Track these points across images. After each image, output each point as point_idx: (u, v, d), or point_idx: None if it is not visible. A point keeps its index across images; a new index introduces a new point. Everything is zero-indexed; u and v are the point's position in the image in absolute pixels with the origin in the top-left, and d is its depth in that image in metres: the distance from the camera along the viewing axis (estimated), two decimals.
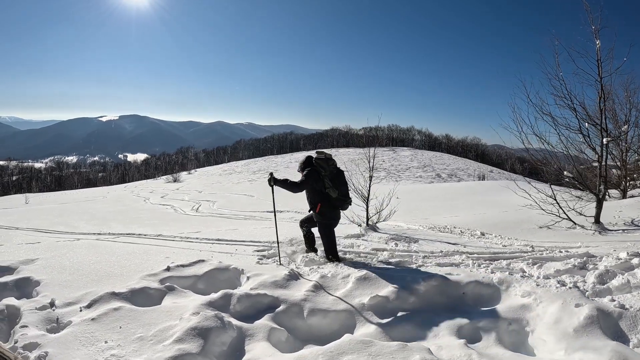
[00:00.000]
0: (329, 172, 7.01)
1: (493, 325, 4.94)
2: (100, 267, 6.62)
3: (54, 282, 5.95)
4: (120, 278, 6.10)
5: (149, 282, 5.85)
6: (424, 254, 7.77)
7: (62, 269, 6.58)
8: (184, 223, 16.77)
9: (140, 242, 9.70)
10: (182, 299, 5.40)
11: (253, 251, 8.06)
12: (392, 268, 6.66)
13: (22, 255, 7.51)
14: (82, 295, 5.38)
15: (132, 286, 5.61)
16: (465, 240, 9.61)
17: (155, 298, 5.46)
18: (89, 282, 5.93)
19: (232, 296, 5.24)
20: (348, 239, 9.41)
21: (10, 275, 6.46)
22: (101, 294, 5.27)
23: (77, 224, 16.68)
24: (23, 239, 10.71)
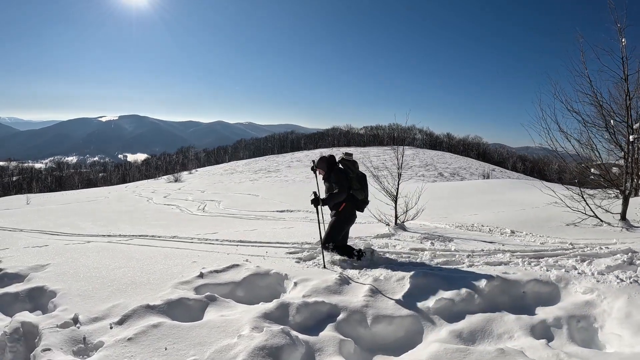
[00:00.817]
0: (355, 174, 6.92)
1: (561, 323, 4.79)
2: (122, 274, 6.06)
3: (72, 293, 5.35)
4: (148, 287, 5.53)
5: (184, 291, 5.33)
6: (466, 253, 7.57)
7: (78, 276, 6.03)
8: (195, 223, 16.31)
9: (157, 244, 9.20)
10: (228, 310, 4.86)
11: (285, 253, 7.67)
12: (444, 268, 6.44)
13: (31, 261, 7.03)
14: (109, 309, 4.80)
15: (167, 297, 5.04)
16: (499, 238, 9.46)
17: (196, 310, 4.91)
18: (114, 293, 5.33)
19: (290, 306, 4.78)
20: (379, 238, 9.12)
21: (20, 284, 5.95)
22: (134, 307, 4.71)
23: (83, 225, 16.19)
24: (29, 242, 10.23)
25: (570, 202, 11.61)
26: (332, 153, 7.38)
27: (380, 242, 8.64)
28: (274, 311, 4.62)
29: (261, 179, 78.18)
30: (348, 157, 7.03)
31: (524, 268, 6.38)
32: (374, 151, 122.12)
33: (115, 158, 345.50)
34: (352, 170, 6.91)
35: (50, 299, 5.33)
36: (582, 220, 11.12)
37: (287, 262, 6.89)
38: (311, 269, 6.41)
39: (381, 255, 7.16)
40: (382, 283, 5.57)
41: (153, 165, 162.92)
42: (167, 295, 5.12)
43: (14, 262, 7.00)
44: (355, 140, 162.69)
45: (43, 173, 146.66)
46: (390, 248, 8.08)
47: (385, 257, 7.21)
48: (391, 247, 8.20)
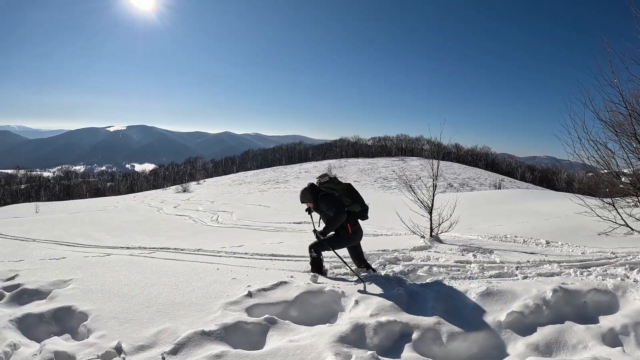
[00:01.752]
0: (341, 190, 6.67)
1: (628, 330, 4.71)
2: (157, 292, 5.52)
3: (106, 314, 4.85)
4: (193, 308, 5.04)
5: (237, 313, 4.86)
6: (514, 265, 7.42)
7: (108, 294, 5.51)
8: (212, 235, 15.90)
9: (183, 258, 8.76)
10: (292, 334, 4.46)
11: (328, 268, 7.20)
12: (502, 281, 6.18)
13: (50, 275, 6.51)
14: (155, 335, 4.35)
15: (221, 321, 4.55)
16: (538, 249, 9.35)
17: (256, 335, 4.50)
18: (156, 315, 4.84)
19: (366, 327, 4.46)
20: (417, 251, 8.78)
21: (42, 302, 5.44)
22: (187, 334, 4.25)
23: (97, 235, 15.87)
24: (44, 253, 9.83)
25: (599, 212, 11.65)
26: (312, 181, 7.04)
27: (421, 254, 8.34)
28: (350, 334, 4.31)
29: (270, 189, 77.95)
30: (323, 180, 6.79)
31: (580, 278, 6.34)
32: (382, 162, 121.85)
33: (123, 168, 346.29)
34: (335, 189, 6.65)
35: (81, 321, 4.84)
36: (613, 229, 11.13)
37: (333, 278, 6.56)
38: (365, 284, 5.93)
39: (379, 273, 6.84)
40: (446, 298, 5.36)
41: (161, 175, 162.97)
42: (220, 318, 4.66)
43: (32, 277, 6.48)
44: (363, 151, 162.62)
45: (51, 182, 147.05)
46: (433, 261, 7.77)
47: (433, 269, 7.08)
48: (434, 259, 7.89)
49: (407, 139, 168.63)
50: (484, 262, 7.69)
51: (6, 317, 4.87)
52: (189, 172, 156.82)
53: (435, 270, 7.05)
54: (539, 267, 7.30)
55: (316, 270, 6.67)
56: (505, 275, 6.75)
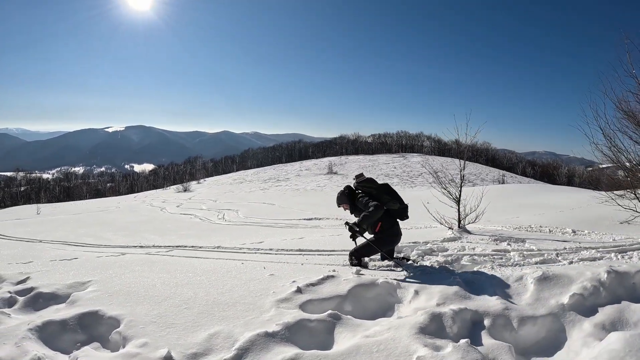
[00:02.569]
0: (378, 188, 6.62)
1: None
2: (194, 292, 5.18)
3: (142, 319, 4.43)
4: (240, 307, 4.69)
5: (292, 310, 4.55)
6: (554, 252, 7.43)
7: (136, 296, 5.12)
8: (225, 232, 15.56)
9: (205, 255, 8.37)
10: (362, 330, 4.18)
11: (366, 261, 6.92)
12: (551, 266, 6.14)
13: (66, 277, 6.16)
14: (208, 340, 3.96)
15: (282, 320, 4.23)
16: (569, 237, 9.31)
17: (322, 334, 4.20)
18: (200, 317, 4.46)
19: (443, 317, 4.32)
20: (449, 242, 8.61)
21: (61, 307, 5.01)
22: (249, 336, 3.91)
23: (105, 235, 15.52)
24: (53, 254, 9.50)
25: (611, 202, 12.27)
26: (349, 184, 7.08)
27: (454, 245, 8.18)
28: (429, 324, 4.14)
29: (271, 188, 77.63)
30: (360, 179, 6.73)
31: (625, 261, 6.60)
32: (382, 159, 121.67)
33: (122, 168, 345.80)
34: (372, 187, 6.59)
35: (112, 328, 4.41)
36: (634, 218, 11.40)
37: (378, 270, 6.33)
38: (416, 275, 5.82)
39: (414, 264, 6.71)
40: (503, 284, 5.32)
41: (161, 175, 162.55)
42: (278, 317, 4.33)
43: (45, 279, 6.10)
44: (364, 148, 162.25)
45: (51, 183, 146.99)
46: (469, 251, 7.62)
47: (477, 259, 6.97)
48: (469, 249, 7.74)
49: (408, 135, 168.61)
50: (523, 250, 7.61)
51: (24, 326, 4.37)
52: (188, 171, 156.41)
53: (478, 259, 6.96)
54: (578, 253, 7.32)
55: (357, 264, 6.48)
56: (549, 262, 6.74)
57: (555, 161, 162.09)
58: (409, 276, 5.72)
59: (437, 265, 6.51)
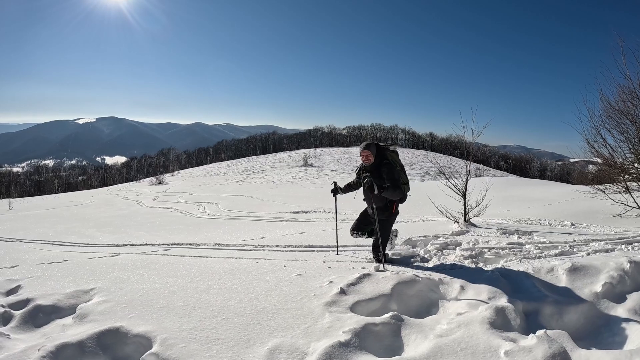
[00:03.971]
0: (402, 167, 6.40)
1: None
2: (223, 299, 4.83)
3: (178, 336, 3.98)
4: (288, 314, 4.42)
5: (346, 314, 4.38)
6: (567, 244, 7.64)
7: (155, 306, 4.74)
8: (214, 227, 15.17)
9: (208, 254, 8.09)
10: (429, 330, 4.11)
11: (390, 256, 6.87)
12: (568, 258, 6.37)
13: (62, 284, 5.75)
14: (270, 356, 3.66)
15: (349, 326, 3.99)
16: (572, 230, 9.64)
17: (389, 337, 4.01)
18: (246, 329, 4.13)
19: (506, 310, 4.33)
20: (458, 235, 8.65)
21: (69, 323, 4.49)
22: (322, 349, 3.63)
23: (88, 232, 15.06)
24: (39, 256, 9.01)
25: (599, 196, 13.21)
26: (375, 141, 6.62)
27: (466, 238, 8.21)
28: (496, 318, 4.15)
29: (247, 180, 76.95)
30: (393, 148, 6.45)
31: (636, 252, 6.85)
32: (357, 151, 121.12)
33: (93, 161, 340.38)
34: (397, 163, 6.31)
35: (144, 348, 3.91)
36: (626, 211, 11.89)
37: (396, 266, 6.22)
38: (449, 270, 5.89)
39: None
40: (537, 276, 5.43)
41: (134, 167, 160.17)
42: (338, 322, 4.13)
43: (40, 287, 5.63)
44: (338, 140, 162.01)
45: (21, 177, 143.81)
46: (483, 244, 7.64)
47: (500, 252, 7.06)
48: (483, 242, 7.77)
49: (382, 127, 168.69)
50: (537, 242, 7.74)
51: (33, 352, 3.75)
52: (162, 163, 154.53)
53: (501, 252, 7.06)
54: (589, 245, 7.56)
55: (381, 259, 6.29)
56: (567, 254, 6.90)
57: (528, 155, 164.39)
58: (442, 271, 5.70)
59: (463, 260, 6.60)
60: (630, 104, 11.82)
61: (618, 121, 12.18)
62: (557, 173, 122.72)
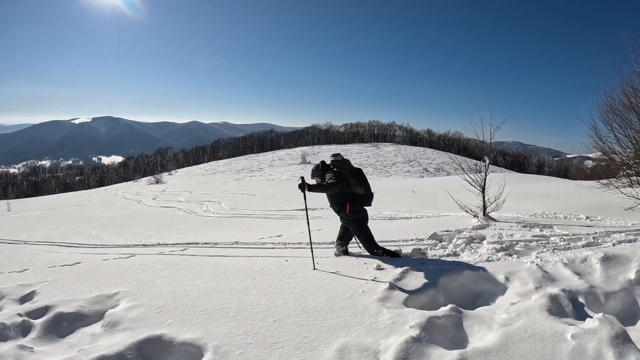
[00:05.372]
0: (349, 171, 6.77)
1: None
2: (267, 299, 4.61)
3: (230, 342, 3.68)
4: (344, 312, 4.26)
5: (404, 309, 4.29)
6: (590, 236, 7.68)
7: (194, 310, 4.44)
8: (224, 226, 15.06)
9: (230, 253, 7.93)
10: (489, 320, 4.09)
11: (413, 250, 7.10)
12: (597, 248, 6.38)
13: (82, 288, 5.39)
14: (340, 357, 3.48)
15: (414, 321, 3.90)
16: (589, 222, 9.72)
17: (451, 330, 3.99)
18: (304, 330, 3.92)
19: (558, 297, 4.38)
20: (480, 230, 8.62)
21: (98, 330, 4.24)
22: (395, 345, 3.52)
23: (94, 232, 14.83)
24: (49, 258, 8.72)
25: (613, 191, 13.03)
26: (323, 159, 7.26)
27: (489, 232, 8.26)
28: (552, 305, 4.17)
29: (245, 178, 76.72)
30: (336, 158, 6.86)
31: None
32: (355, 148, 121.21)
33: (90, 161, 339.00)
34: (344, 169, 6.73)
35: (194, 358, 3.60)
36: (637, 205, 11.81)
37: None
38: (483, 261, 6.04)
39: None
40: (573, 266, 5.45)
41: (131, 167, 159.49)
42: (400, 318, 4.02)
43: (57, 293, 5.30)
44: (336, 138, 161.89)
45: (18, 178, 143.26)
46: (508, 237, 7.71)
47: (527, 245, 7.09)
48: (508, 236, 7.81)
49: (380, 125, 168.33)
50: (561, 235, 7.78)
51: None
52: (159, 163, 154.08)
53: (530, 244, 7.11)
54: (611, 237, 7.60)
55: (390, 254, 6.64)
56: (593, 244, 6.97)
57: (525, 151, 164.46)
58: (479, 264, 5.71)
59: (495, 252, 6.71)
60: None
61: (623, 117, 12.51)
62: (555, 169, 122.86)
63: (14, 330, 4.40)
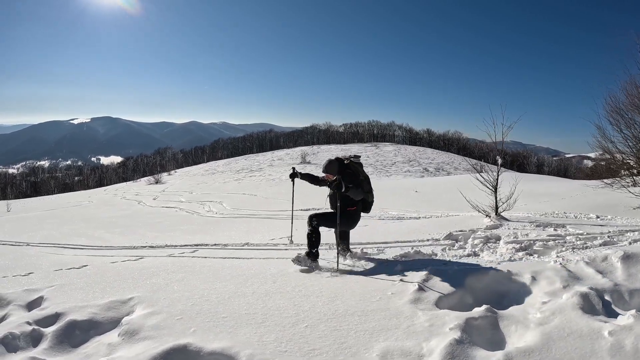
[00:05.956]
0: (365, 176, 6.72)
1: None
2: (293, 304, 4.43)
3: (263, 350, 3.49)
4: (376, 315, 4.14)
5: (438, 311, 4.25)
6: (605, 234, 7.69)
7: (217, 316, 4.21)
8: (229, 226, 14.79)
9: (243, 255, 7.77)
10: (524, 320, 4.11)
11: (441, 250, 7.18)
12: (615, 247, 6.36)
13: (93, 293, 5.14)
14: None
15: (453, 322, 3.85)
16: (600, 222, 9.68)
17: (489, 330, 4.01)
18: (340, 335, 3.76)
19: (589, 295, 4.43)
20: (494, 229, 8.58)
21: (115, 339, 3.97)
22: (440, 348, 3.48)
23: (96, 234, 14.61)
24: (53, 260, 8.46)
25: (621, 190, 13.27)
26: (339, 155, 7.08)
27: (504, 232, 8.21)
28: (584, 303, 4.25)
29: (245, 178, 76.51)
30: (356, 160, 6.77)
31: None
32: (355, 148, 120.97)
33: (89, 161, 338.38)
34: (361, 172, 6.64)
35: None
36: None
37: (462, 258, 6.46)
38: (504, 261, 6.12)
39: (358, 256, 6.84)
40: (594, 264, 5.47)
41: (130, 167, 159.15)
42: (438, 319, 3.98)
43: (66, 299, 5.02)
44: (335, 137, 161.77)
45: (17, 178, 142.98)
46: (522, 237, 7.63)
47: (545, 244, 7.07)
48: (523, 235, 7.76)
49: (379, 124, 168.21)
50: (576, 234, 7.75)
51: None
52: (159, 163, 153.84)
53: (548, 244, 7.09)
54: (625, 235, 7.62)
55: (311, 247, 6.30)
56: (610, 243, 6.96)
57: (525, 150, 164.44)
58: (502, 264, 5.78)
59: (515, 252, 6.67)
60: None
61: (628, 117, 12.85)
62: (555, 168, 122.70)
63: (24, 340, 4.16)
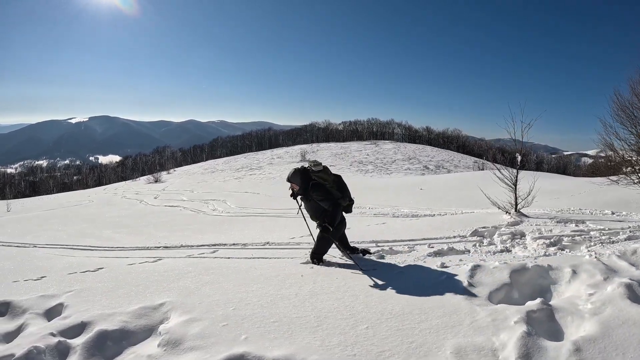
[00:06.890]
0: (332, 182, 6.53)
1: None
2: (344, 305, 4.23)
3: (333, 355, 3.29)
4: (436, 312, 4.05)
5: (495, 305, 4.27)
6: (626, 229, 7.86)
7: (265, 320, 3.97)
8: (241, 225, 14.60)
9: (267, 255, 7.60)
10: (578, 311, 4.11)
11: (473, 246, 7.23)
12: None
13: (116, 299, 4.75)
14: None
15: (516, 315, 3.85)
16: (617, 217, 9.82)
17: (547, 322, 3.98)
18: (406, 335, 3.61)
19: (632, 286, 4.37)
20: (516, 226, 8.65)
21: (156, 351, 3.64)
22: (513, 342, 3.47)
23: (104, 234, 14.37)
24: (65, 263, 7.96)
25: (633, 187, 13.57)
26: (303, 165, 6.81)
27: (527, 228, 8.32)
28: (630, 294, 4.23)
29: (245, 176, 76.41)
30: (317, 168, 6.56)
31: None
32: (354, 146, 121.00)
33: (87, 160, 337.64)
34: (327, 180, 6.48)
35: None
36: None
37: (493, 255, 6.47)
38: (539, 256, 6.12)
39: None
40: (625, 258, 5.47)
41: (129, 166, 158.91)
42: (499, 314, 3.94)
43: (89, 306, 4.62)
44: (335, 136, 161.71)
45: (16, 178, 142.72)
46: (547, 233, 7.76)
47: (573, 239, 7.18)
48: (547, 232, 7.90)
49: (378, 122, 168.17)
50: (600, 229, 7.90)
51: None
52: (157, 161, 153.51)
53: (577, 239, 7.20)
54: None
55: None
56: (634, 238, 7.12)
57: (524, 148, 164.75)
58: (538, 258, 5.76)
59: (546, 247, 6.78)
60: None
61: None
62: (554, 166, 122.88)
63: (50, 354, 3.75)
